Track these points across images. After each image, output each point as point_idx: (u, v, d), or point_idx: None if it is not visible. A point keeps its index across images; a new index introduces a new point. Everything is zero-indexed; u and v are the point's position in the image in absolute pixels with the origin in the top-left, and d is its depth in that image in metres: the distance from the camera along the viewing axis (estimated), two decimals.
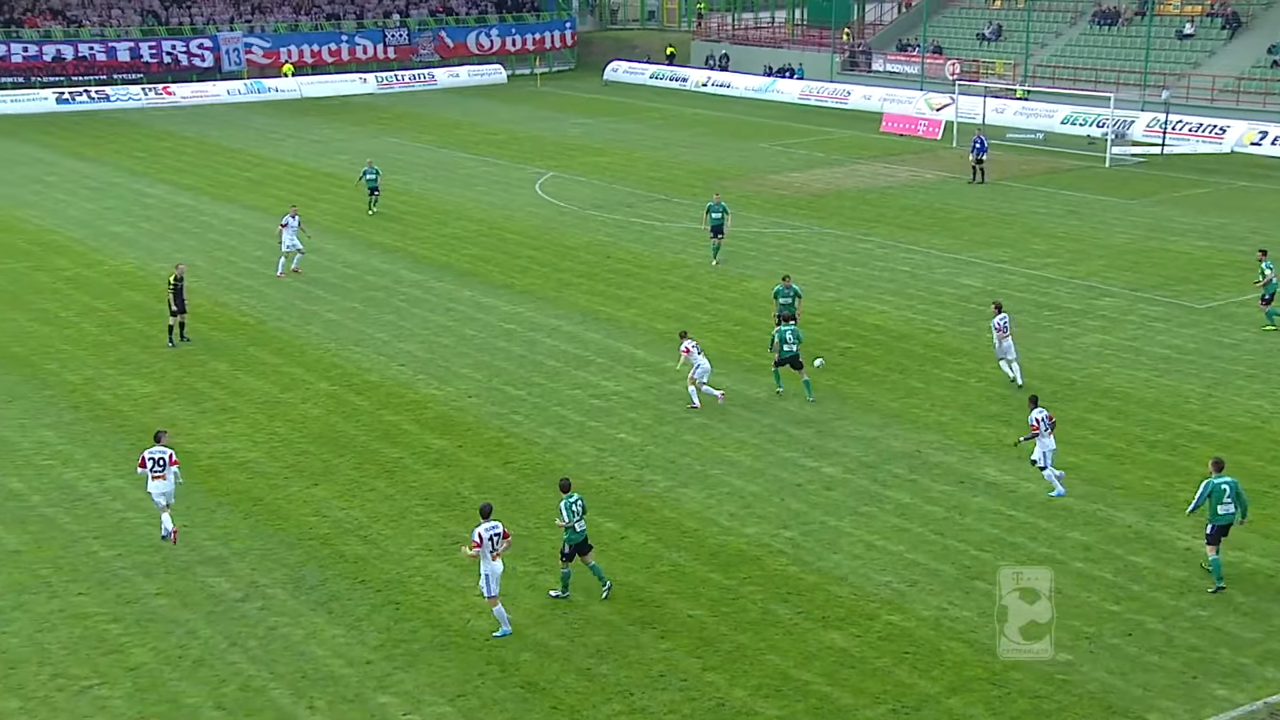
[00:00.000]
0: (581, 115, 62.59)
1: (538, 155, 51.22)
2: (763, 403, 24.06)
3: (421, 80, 73.81)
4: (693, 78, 72.55)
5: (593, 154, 51.56)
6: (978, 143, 44.51)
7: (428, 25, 77.30)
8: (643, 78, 74.94)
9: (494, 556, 16.13)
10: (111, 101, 65.32)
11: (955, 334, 27.80)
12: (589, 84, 74.89)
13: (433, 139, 55.72)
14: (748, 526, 19.11)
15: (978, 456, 21.44)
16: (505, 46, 78.94)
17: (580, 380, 25.44)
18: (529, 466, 21.44)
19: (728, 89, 69.83)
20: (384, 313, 30.10)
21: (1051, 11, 63.91)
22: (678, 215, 39.93)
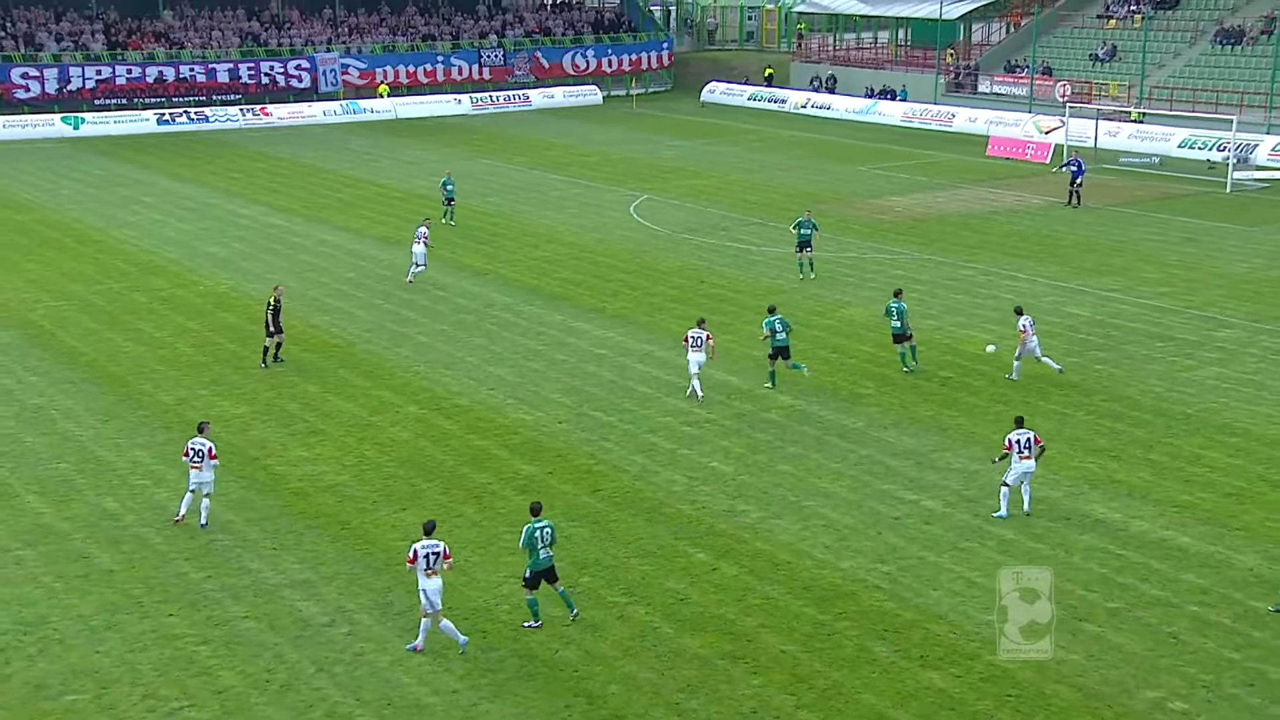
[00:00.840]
0: (677, 137, 62.81)
1: (632, 178, 51.51)
2: (859, 433, 23.88)
3: (516, 101, 74.74)
4: (791, 99, 72.51)
5: (688, 176, 51.70)
6: (1074, 165, 43.93)
7: (523, 46, 78.34)
8: (740, 99, 75.05)
9: (429, 574, 16.56)
10: (210, 122, 67.14)
11: (1062, 365, 27.30)
12: (685, 105, 75.19)
13: (525, 160, 56.34)
14: (843, 560, 18.95)
15: (1085, 492, 21.04)
16: (601, 67, 79.64)
17: (672, 407, 25.47)
18: (618, 494, 21.50)
19: (828, 111, 69.66)
20: (474, 336, 30.45)
21: (1170, 31, 62.77)
22: (774, 239, 39.84)
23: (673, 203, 46.32)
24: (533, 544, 17.18)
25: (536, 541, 17.17)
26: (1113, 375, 26.60)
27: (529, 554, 17.29)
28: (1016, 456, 20.01)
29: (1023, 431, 20.13)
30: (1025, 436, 20.08)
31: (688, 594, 18.08)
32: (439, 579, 16.74)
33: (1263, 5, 60.57)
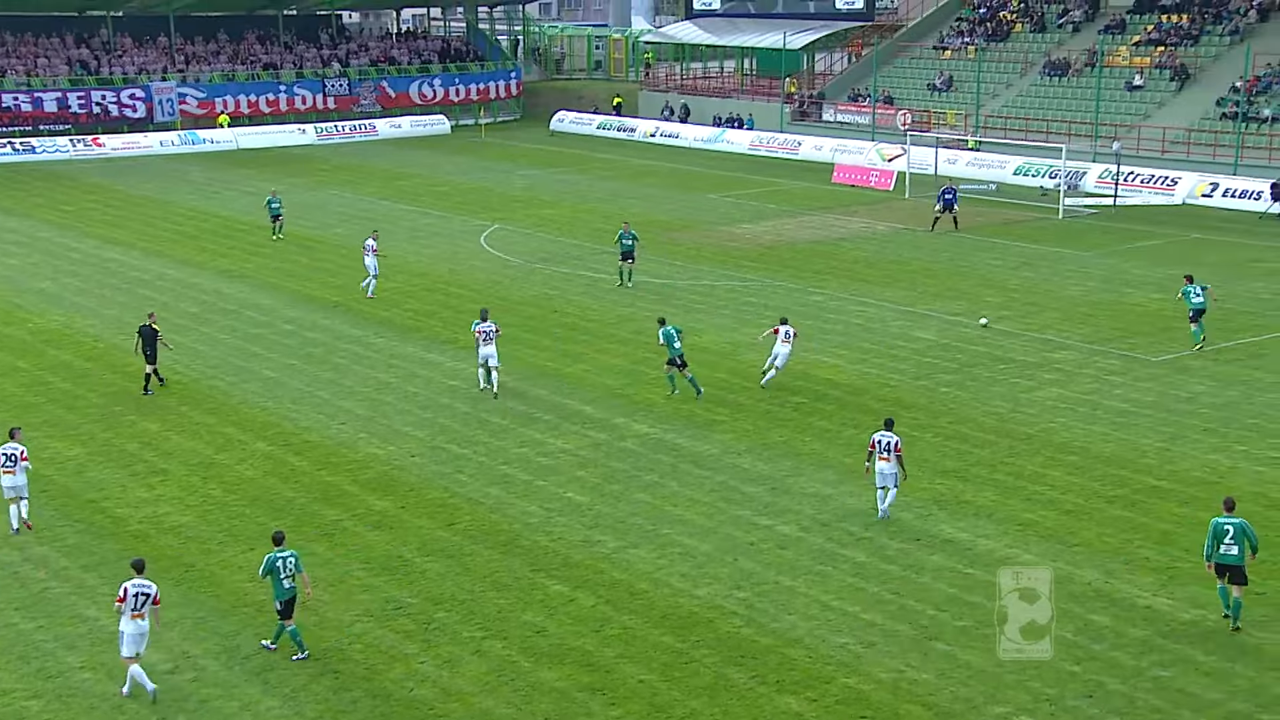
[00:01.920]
0: (527, 166, 62.90)
1: (482, 207, 51.36)
2: (714, 459, 24.13)
3: (362, 131, 73.95)
4: (641, 128, 73.24)
5: (539, 206, 51.78)
6: (948, 193, 45.44)
7: (369, 75, 77.58)
8: (589, 128, 75.55)
9: (134, 615, 16.28)
10: (38, 153, 64.81)
11: (910, 388, 28.06)
12: (535, 134, 75.35)
13: (374, 191, 55.75)
14: (700, 588, 19.10)
15: (934, 513, 21.60)
16: (449, 97, 79.33)
17: (527, 438, 25.41)
18: (474, 527, 21.33)
19: (676, 139, 70.52)
20: (323, 369, 29.94)
21: (1002, 62, 65.24)
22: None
23: (524, 232, 46.32)
24: (274, 573, 17.02)
25: (278, 570, 17.01)
26: (958, 397, 27.40)
27: (272, 583, 17.11)
28: (876, 457, 21.00)
29: (886, 434, 21.04)
30: (887, 439, 20.98)
31: (545, 626, 18.01)
32: (145, 622, 16.36)
33: (1085, 40, 63.45)
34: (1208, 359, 29.64)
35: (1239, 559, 17.32)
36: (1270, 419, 25.70)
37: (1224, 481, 22.58)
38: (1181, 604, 18.21)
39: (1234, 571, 17.40)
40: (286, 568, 17.07)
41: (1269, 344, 30.80)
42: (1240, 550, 17.31)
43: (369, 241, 37.18)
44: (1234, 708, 15.90)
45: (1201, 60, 58.61)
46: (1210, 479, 22.76)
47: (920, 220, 47.21)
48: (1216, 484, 22.46)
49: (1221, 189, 49.53)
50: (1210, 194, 49.64)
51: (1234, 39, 58.49)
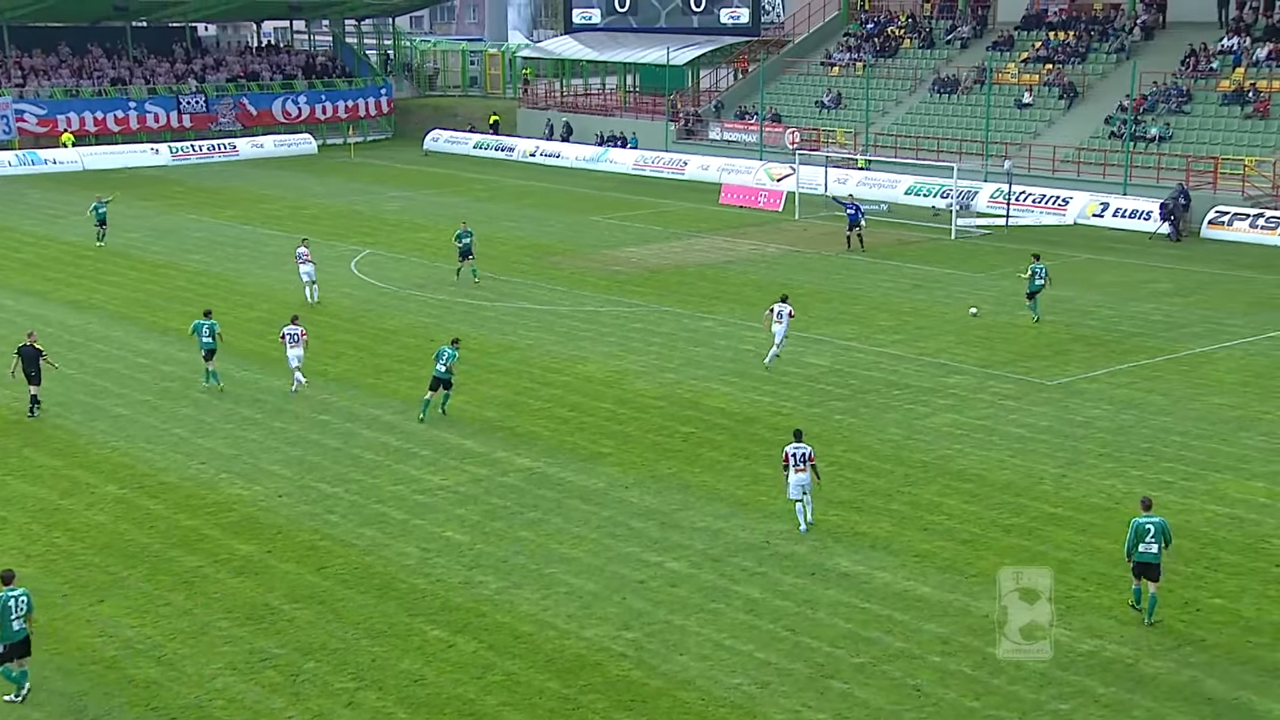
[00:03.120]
0: (400, 188, 62.53)
1: (353, 231, 50.87)
2: (600, 494, 24.15)
3: (222, 151, 72.86)
4: (520, 147, 73.31)
5: (413, 229, 51.47)
6: (851, 209, 46.47)
7: (228, 91, 76.48)
8: (466, 147, 75.41)
9: None
10: None
11: (804, 416, 28.40)
12: (408, 154, 74.95)
13: (235, 214, 54.92)
14: (587, 629, 19.06)
15: (829, 545, 21.86)
16: (315, 114, 78.62)
17: (403, 475, 25.15)
18: (346, 571, 21.03)
19: (557, 159, 70.72)
20: (181, 406, 29.34)
21: (891, 79, 66.69)
22: (506, 295, 40.04)
23: (398, 257, 45.98)
24: (4, 614, 16.59)
25: (9, 611, 16.59)
26: (852, 425, 27.82)
27: (1, 629, 16.67)
28: (792, 469, 21.83)
29: (799, 446, 21.97)
30: (800, 450, 21.88)
31: (423, 674, 17.80)
32: None
33: (974, 56, 65.23)
34: (1102, 383, 30.53)
35: (1157, 557, 18.61)
36: (1164, 443, 26.53)
37: (1120, 508, 23.23)
38: (1079, 634, 18.67)
39: (1151, 569, 18.66)
40: (18, 607, 16.55)
41: (1162, 366, 31.84)
42: (1159, 548, 18.59)
43: (301, 250, 38.85)
44: None
45: (1089, 78, 60.60)
46: (1106, 505, 23.40)
47: (810, 243, 47.95)
48: (1113, 510, 23.10)
49: (1112, 209, 51.15)
50: (1101, 214, 51.25)
51: (1120, 57, 60.61)
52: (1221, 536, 21.96)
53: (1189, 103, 56.00)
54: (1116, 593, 19.78)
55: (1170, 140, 54.51)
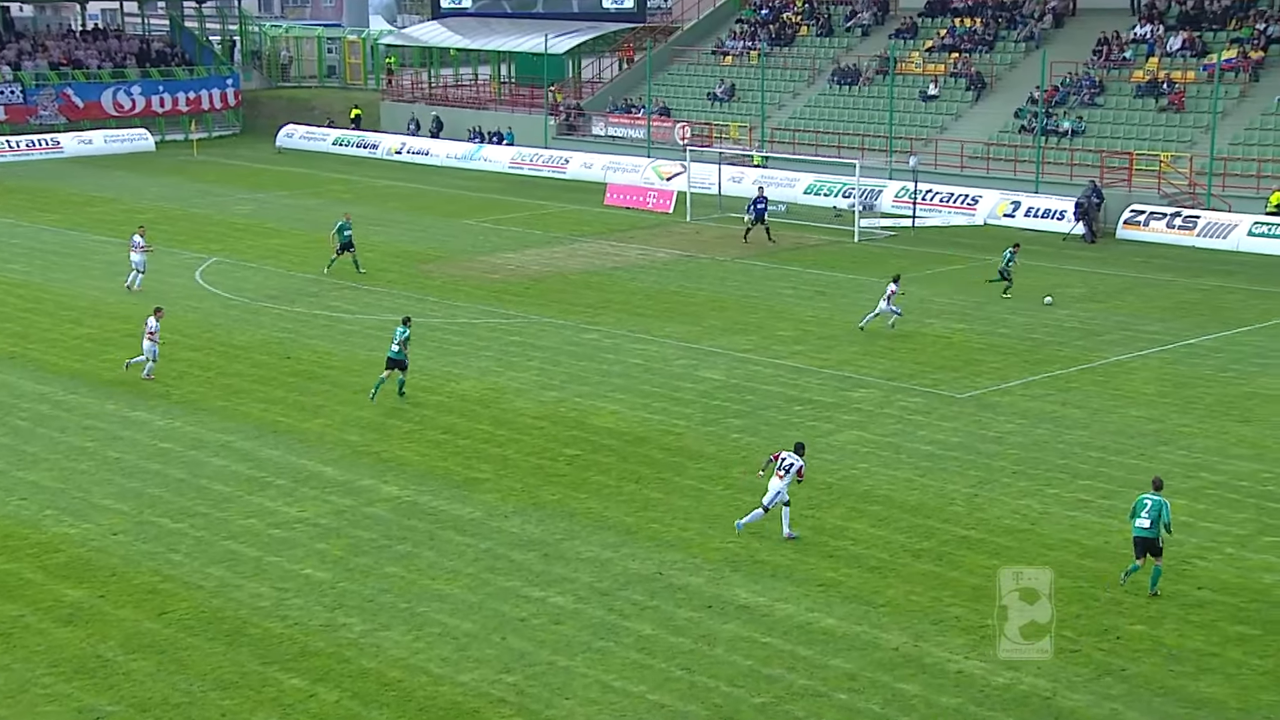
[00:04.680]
0: (251, 189, 61.76)
1: (197, 237, 50.08)
2: (477, 523, 24.04)
3: (43, 148, 71.31)
4: (384, 144, 72.85)
5: (265, 235, 50.85)
6: (759, 202, 47.60)
7: (49, 81, 74.75)
8: (324, 144, 74.76)
9: None
10: None
11: (698, 435, 28.57)
12: (259, 152, 74.04)
13: (59, 219, 53.79)
14: (463, 673, 18.94)
15: (727, 575, 21.99)
16: (151, 107, 77.28)
17: (256, 507, 24.80)
18: (191, 616, 20.65)
19: (427, 157, 70.41)
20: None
21: (788, 69, 67.52)
22: (371, 306, 39.71)
23: (249, 266, 45.37)
24: None
25: None
26: (750, 444, 28.03)
27: None
28: (774, 471, 22.95)
29: (792, 455, 23.02)
30: (790, 461, 22.88)
31: None
32: None
33: (876, 45, 66.35)
34: (1016, 395, 31.17)
35: (1149, 533, 20.86)
36: (1081, 459, 27.17)
37: (1035, 529, 23.74)
38: (995, 667, 19.00)
39: (1148, 544, 20.97)
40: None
41: (1077, 376, 32.62)
42: (1154, 526, 20.79)
43: (135, 238, 40.70)
44: None
45: (997, 68, 61.99)
46: (1021, 526, 23.88)
47: (703, 247, 48.31)
48: (1028, 532, 23.59)
49: (1024, 208, 52.33)
50: (1012, 213, 52.40)
51: (1029, 45, 62.09)
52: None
53: (1102, 94, 57.56)
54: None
55: (1083, 134, 55.98)
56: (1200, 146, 52.55)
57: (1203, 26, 58.36)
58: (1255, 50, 55.83)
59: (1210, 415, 29.62)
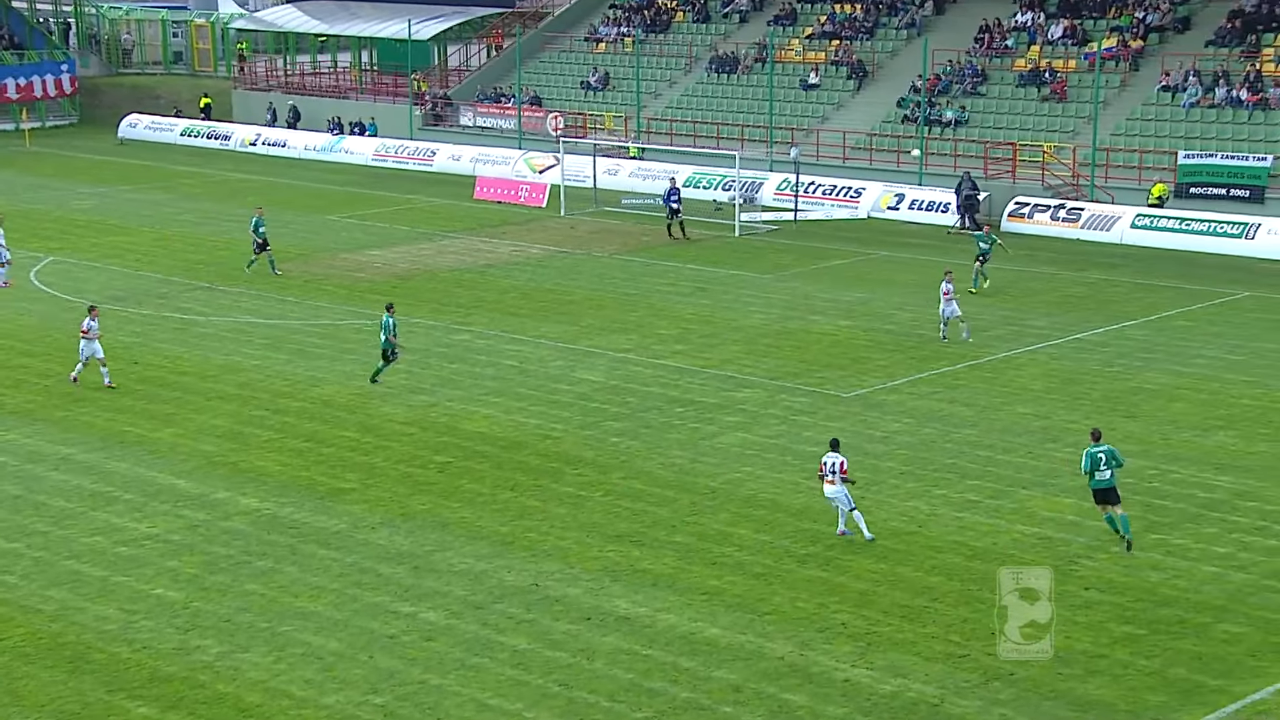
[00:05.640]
0: (91, 183, 60.58)
1: (31, 235, 48.92)
2: (343, 536, 23.82)
3: None
4: (238, 135, 71.80)
5: (109, 232, 49.90)
6: (672, 195, 48.21)
7: None
8: (172, 135, 73.56)
9: None
10: None
11: (576, 438, 28.59)
12: (100, 143, 72.64)
13: None
14: (327, 695, 18.75)
15: (607, 586, 22.03)
16: None
17: (101, 523, 24.34)
18: (28, 642, 20.20)
19: (284, 149, 69.51)
20: None
21: (664, 57, 67.80)
22: (226, 307, 39.13)
23: (91, 265, 44.49)
24: None
25: None
26: (631, 448, 28.12)
27: None
28: (825, 481, 23.38)
29: (832, 455, 23.35)
30: (834, 460, 23.23)
31: None
32: None
33: (754, 31, 66.87)
34: (903, 393, 31.64)
35: (1111, 481, 22.80)
36: (969, 458, 27.67)
37: (923, 530, 24.12)
38: (882, 674, 19.29)
39: (1110, 493, 22.87)
40: None
41: (964, 374, 33.22)
42: (1112, 474, 22.77)
43: None
44: None
45: (879, 57, 62.85)
46: (909, 529, 24.25)
47: (579, 242, 48.36)
48: (915, 534, 23.96)
49: (908, 200, 53.10)
50: (896, 206, 53.13)
51: (911, 33, 63.04)
52: (1029, 559, 22.96)
53: (984, 83, 58.63)
54: (920, 625, 20.52)
55: (966, 125, 56.95)
56: (1083, 137, 53.76)
57: (1083, 14, 59.72)
58: (1135, 39, 57.24)
59: (1097, 411, 30.32)
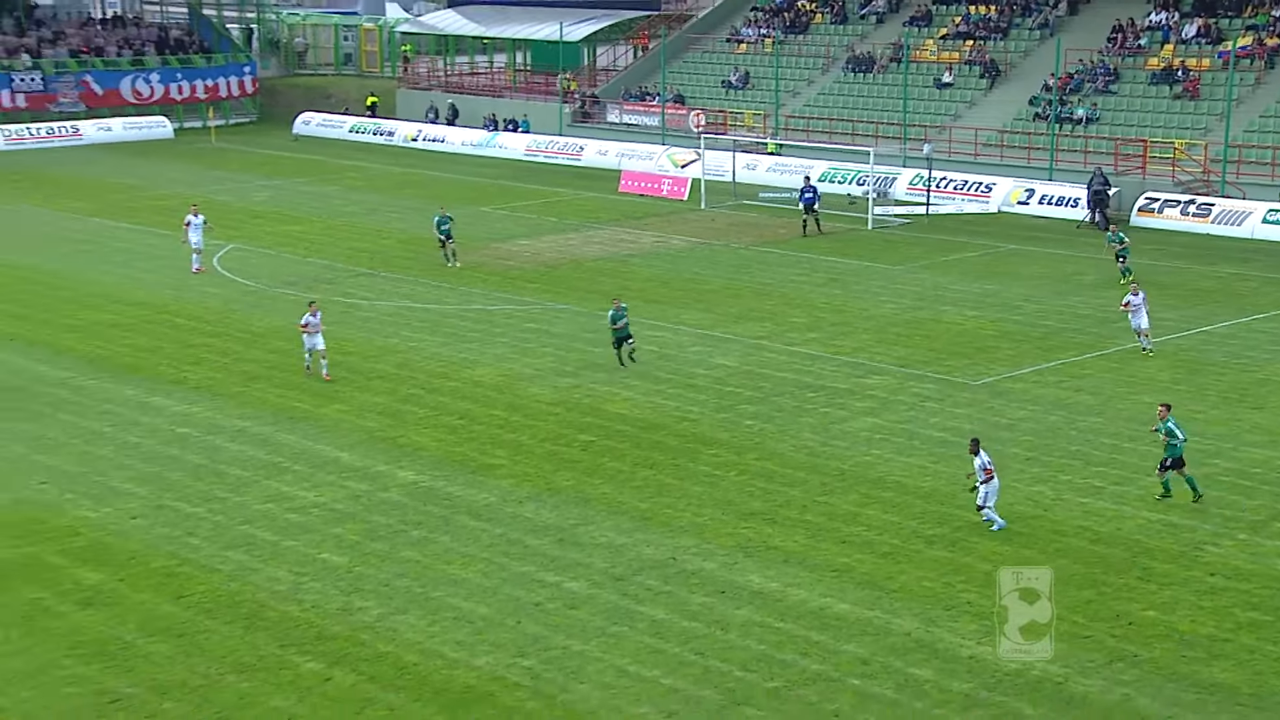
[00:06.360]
0: (268, 176, 61.76)
1: (215, 224, 50.00)
2: (493, 509, 24.07)
3: (63, 135, 71.36)
4: (401, 131, 72.78)
5: (283, 222, 50.88)
6: (808, 192, 47.71)
7: (69, 68, 74.83)
8: (340, 131, 74.70)
9: None
10: None
11: (712, 420, 28.55)
12: (276, 139, 74.05)
13: (81, 207, 53.84)
14: (478, 657, 18.98)
15: (740, 561, 21.99)
16: (170, 95, 77.32)
17: (273, 491, 24.86)
18: (209, 599, 20.73)
19: (442, 144, 70.32)
20: (18, 420, 28.71)
21: (802, 57, 67.29)
22: (387, 293, 39.74)
23: (266, 252, 45.42)
24: None
25: None
26: (764, 431, 28.01)
27: None
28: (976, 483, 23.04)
29: (975, 460, 22.98)
30: (977, 463, 22.93)
31: (296, 712, 17.61)
32: None
33: (890, 32, 66.04)
34: (1029, 381, 31.07)
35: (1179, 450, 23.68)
36: (1094, 445, 27.09)
37: (1048, 515, 23.69)
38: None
39: (1177, 461, 23.80)
40: None
41: (1090, 364, 32.52)
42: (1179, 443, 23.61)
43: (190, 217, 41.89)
44: None
45: (1012, 56, 61.71)
46: (1034, 513, 23.83)
47: (718, 234, 48.23)
48: (1040, 518, 23.54)
49: (1038, 195, 52.10)
50: (1026, 201, 52.17)
51: (1044, 33, 61.79)
52: (1154, 545, 22.48)
53: (1116, 82, 57.29)
54: None
55: (1097, 122, 55.71)
56: (1215, 134, 52.26)
57: (1218, 13, 58.02)
58: (1271, 37, 55.50)
59: (1223, 402, 29.51)
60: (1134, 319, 32.94)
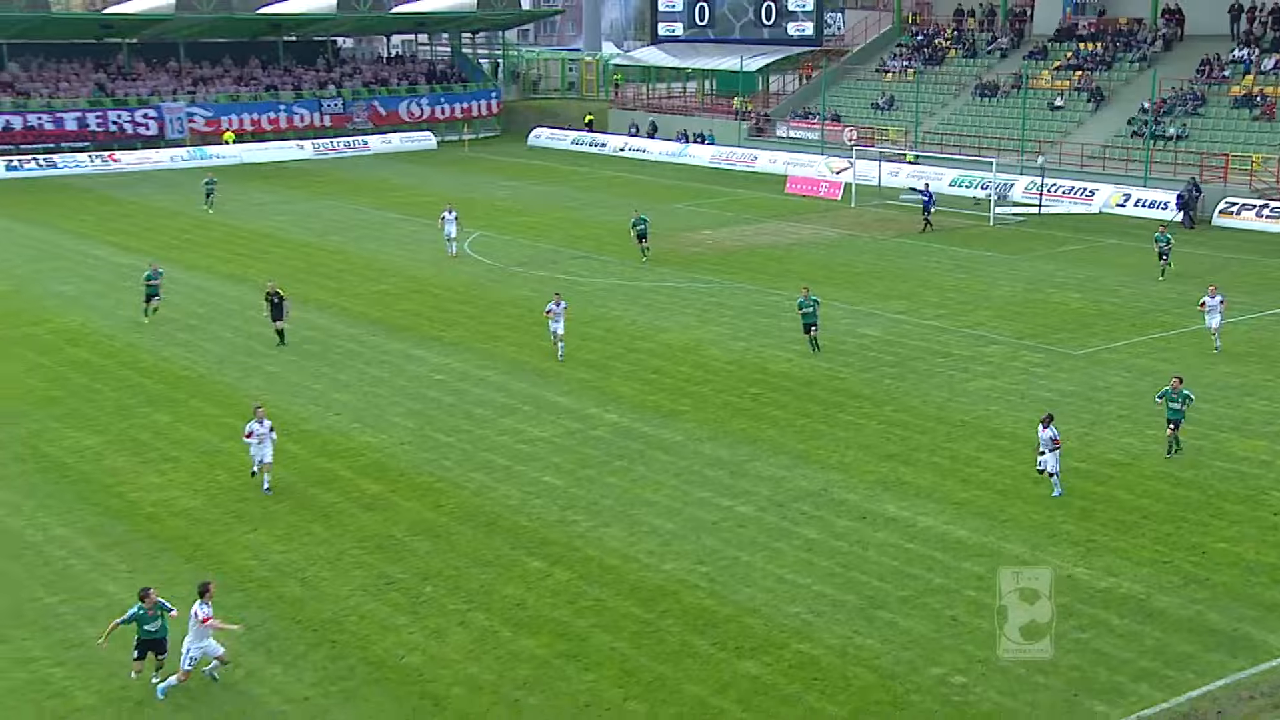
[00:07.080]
0: (508, 178, 62.61)
1: (467, 216, 50.82)
2: (679, 446, 24.10)
3: (355, 147, 73.42)
4: (611, 143, 73.03)
5: (518, 215, 51.56)
6: (925, 195, 46.42)
7: (361, 95, 77.05)
8: (564, 143, 75.28)
9: None
10: (59, 169, 64.02)
11: (857, 380, 28.11)
12: (514, 149, 75.04)
13: (367, 201, 55.36)
14: (666, 563, 19.07)
15: (879, 494, 21.63)
16: (435, 115, 78.88)
17: (507, 427, 25.28)
18: (459, 509, 21.22)
19: (644, 154, 70.34)
20: (320, 365, 29.72)
21: (938, 84, 65.45)
22: (599, 271, 40.01)
23: (505, 239, 46.12)
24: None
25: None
26: (900, 388, 27.46)
27: None
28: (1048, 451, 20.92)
29: (1043, 432, 20.95)
30: (1046, 434, 20.93)
31: (524, 599, 17.94)
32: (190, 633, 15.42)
33: (1012, 64, 63.73)
34: (1123, 353, 29.82)
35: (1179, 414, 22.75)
36: None
37: (1137, 463, 22.74)
38: (1098, 573, 18.34)
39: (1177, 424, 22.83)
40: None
41: (1175, 339, 31.03)
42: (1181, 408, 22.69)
43: (445, 214, 42.08)
44: (1143, 665, 16.03)
45: (1114, 84, 59.00)
46: (1124, 461, 22.89)
47: (865, 227, 47.34)
48: (1130, 465, 22.62)
49: (1134, 199, 49.84)
50: (1124, 204, 49.94)
51: (1142, 65, 58.92)
52: (1226, 489, 21.42)
53: (1203, 106, 54.35)
54: (1131, 537, 19.42)
55: (1186, 139, 52.95)
56: None
57: None
58: None
59: None
60: (1208, 318, 29.62)
